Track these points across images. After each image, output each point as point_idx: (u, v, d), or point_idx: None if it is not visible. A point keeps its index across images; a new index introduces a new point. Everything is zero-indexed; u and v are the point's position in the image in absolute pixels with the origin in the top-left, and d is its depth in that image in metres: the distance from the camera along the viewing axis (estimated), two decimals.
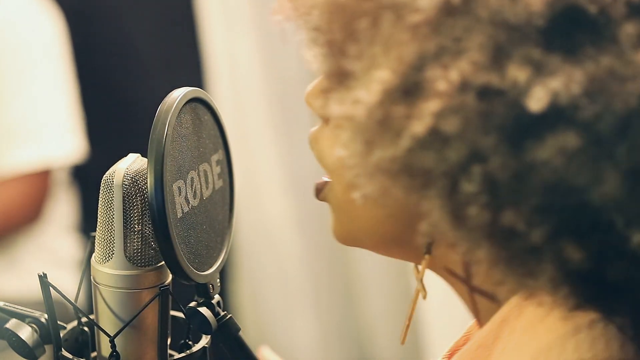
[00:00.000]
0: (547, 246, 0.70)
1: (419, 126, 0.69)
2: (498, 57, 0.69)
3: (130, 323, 0.85)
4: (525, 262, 0.72)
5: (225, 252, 0.92)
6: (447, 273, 0.81)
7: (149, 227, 0.85)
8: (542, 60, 0.69)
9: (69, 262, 2.28)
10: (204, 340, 0.90)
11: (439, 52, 0.70)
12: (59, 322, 0.88)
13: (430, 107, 0.69)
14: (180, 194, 0.84)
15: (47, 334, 0.88)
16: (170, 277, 0.87)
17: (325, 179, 0.85)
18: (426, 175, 0.71)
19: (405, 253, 0.83)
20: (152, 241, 0.85)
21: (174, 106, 0.84)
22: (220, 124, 0.92)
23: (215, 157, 0.91)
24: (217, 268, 0.89)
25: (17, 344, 0.88)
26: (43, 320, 0.89)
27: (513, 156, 0.69)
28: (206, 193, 0.88)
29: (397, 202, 0.76)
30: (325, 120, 0.82)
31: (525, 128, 0.69)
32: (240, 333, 0.90)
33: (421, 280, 0.81)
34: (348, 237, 0.84)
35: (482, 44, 0.69)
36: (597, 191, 0.68)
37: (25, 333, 0.88)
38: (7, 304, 0.90)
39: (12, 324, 0.89)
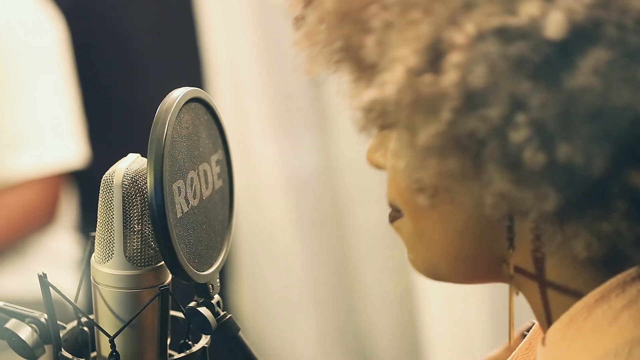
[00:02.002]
0: (612, 178, 0.70)
1: (446, 82, 0.69)
2: (508, 1, 0.69)
3: (130, 323, 0.85)
4: (595, 202, 0.71)
5: (225, 252, 0.92)
6: (520, 274, 0.80)
7: (148, 227, 0.85)
8: None
9: (69, 262, 2.28)
10: (204, 340, 0.90)
11: (452, 16, 0.70)
12: (58, 322, 0.89)
13: (452, 60, 0.69)
14: (180, 194, 0.84)
15: (47, 334, 0.89)
16: (170, 277, 0.87)
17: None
18: (474, 140, 0.70)
19: (481, 272, 0.82)
20: (151, 241, 0.85)
21: (174, 106, 0.84)
22: (220, 124, 0.92)
23: (215, 157, 0.91)
24: (216, 268, 0.90)
25: (17, 344, 0.88)
26: (43, 320, 0.89)
27: (552, 93, 0.68)
28: (206, 193, 0.88)
29: (458, 208, 0.77)
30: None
31: (554, 60, 0.68)
32: (240, 333, 0.90)
33: (512, 277, 0.80)
34: (429, 267, 0.83)
35: None
36: None
37: (25, 333, 0.88)
38: (7, 304, 0.90)
39: (12, 324, 0.89)
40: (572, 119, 0.69)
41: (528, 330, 0.91)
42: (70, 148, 2.22)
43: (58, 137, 2.21)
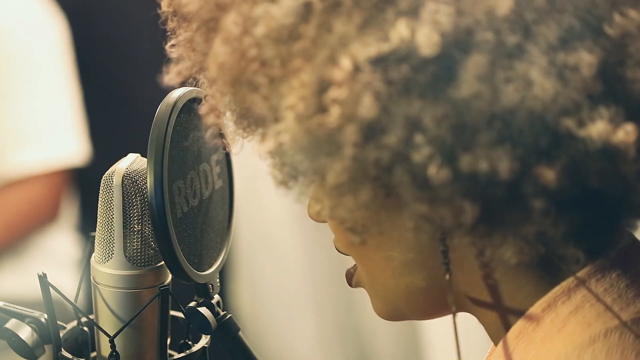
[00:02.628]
0: (522, 179, 0.70)
1: (331, 117, 0.69)
2: (375, 25, 0.69)
3: (130, 323, 0.85)
4: (512, 206, 0.71)
5: (225, 252, 0.92)
6: (472, 302, 0.81)
7: (148, 227, 0.85)
8: (410, 4, 0.69)
9: (69, 262, 2.28)
10: (204, 340, 0.90)
11: (331, 56, 0.70)
12: (58, 322, 0.89)
13: (332, 95, 0.69)
14: (179, 194, 0.84)
15: (47, 334, 0.89)
16: (169, 277, 0.87)
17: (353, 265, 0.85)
18: (381, 168, 0.70)
19: (439, 306, 0.83)
20: (151, 241, 0.85)
21: (174, 106, 0.84)
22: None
23: (214, 157, 0.91)
24: (216, 268, 0.90)
25: (17, 344, 0.88)
26: (43, 320, 0.89)
27: (441, 106, 0.68)
28: (206, 193, 0.88)
29: (395, 244, 0.78)
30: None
31: (436, 75, 0.68)
32: (240, 333, 0.90)
33: (452, 304, 0.80)
34: (390, 309, 0.84)
35: (357, 25, 0.69)
36: (531, 98, 0.68)
37: (25, 333, 0.88)
38: (6, 304, 0.90)
39: (11, 324, 0.89)
40: (468, 128, 0.69)
41: None
42: (71, 145, 2.22)
43: (60, 135, 2.21)
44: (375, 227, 0.76)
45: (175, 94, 0.85)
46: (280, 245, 2.42)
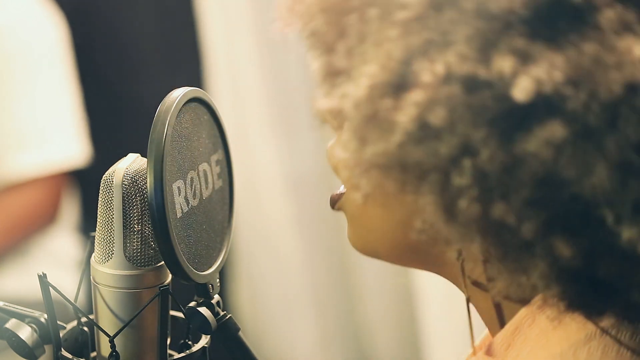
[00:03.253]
0: (538, 242, 0.70)
1: (403, 116, 0.70)
2: (484, 49, 0.69)
3: (129, 323, 0.85)
4: (517, 258, 0.72)
5: (225, 252, 0.92)
6: (471, 283, 0.81)
7: (148, 227, 0.85)
8: (527, 49, 0.69)
9: (69, 262, 2.28)
10: (204, 340, 0.90)
11: (427, 46, 0.70)
12: (58, 322, 0.88)
13: (414, 97, 0.70)
14: (179, 194, 0.84)
15: (47, 334, 0.89)
16: (169, 277, 0.87)
17: (341, 190, 0.85)
18: (418, 169, 0.71)
19: (419, 260, 0.83)
20: (151, 241, 0.85)
21: (174, 106, 0.84)
22: (220, 124, 0.92)
23: (214, 157, 0.91)
24: (216, 268, 0.90)
25: (17, 344, 0.88)
26: (43, 320, 0.89)
27: (502, 149, 0.69)
28: (206, 193, 0.88)
29: (400, 204, 0.77)
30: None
31: (513, 120, 0.69)
32: (240, 333, 0.90)
33: (465, 287, 0.81)
34: (365, 246, 0.84)
35: (468, 36, 0.69)
36: (586, 184, 0.68)
37: (25, 333, 0.88)
38: (6, 304, 0.90)
39: (11, 324, 0.89)
40: (515, 179, 0.69)
41: None
42: (72, 147, 2.22)
43: (60, 137, 2.21)
44: (383, 201, 0.77)
45: (175, 94, 0.85)
46: (280, 246, 2.42)
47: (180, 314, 0.89)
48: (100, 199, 0.85)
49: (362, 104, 0.71)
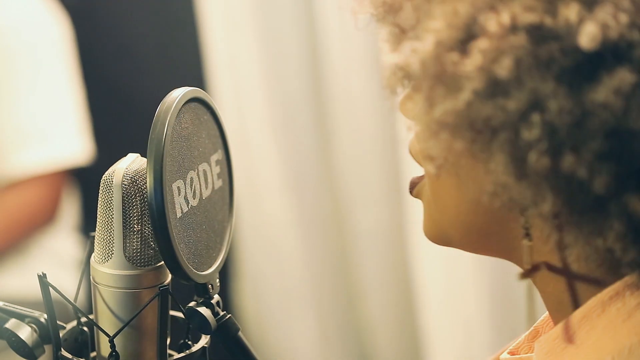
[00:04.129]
0: (611, 198, 0.70)
1: (469, 65, 0.70)
2: None
3: (129, 323, 0.85)
4: (592, 218, 0.72)
5: (225, 251, 0.92)
6: (544, 267, 0.80)
7: (148, 227, 0.85)
8: None
9: (69, 262, 2.28)
10: (204, 340, 0.90)
11: (493, 1, 0.71)
12: (58, 322, 0.89)
13: (479, 45, 0.70)
14: (179, 194, 0.84)
15: (47, 333, 0.89)
16: (169, 277, 0.87)
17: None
18: (487, 127, 0.71)
19: (492, 246, 0.82)
20: (151, 241, 0.85)
21: (174, 106, 0.84)
22: (220, 124, 0.92)
23: (214, 157, 0.91)
24: (216, 268, 0.90)
25: (17, 344, 0.88)
26: (42, 320, 0.89)
27: (571, 100, 0.69)
28: (206, 193, 0.88)
29: (471, 180, 0.77)
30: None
31: (580, 70, 0.69)
32: (240, 333, 0.90)
33: (526, 270, 0.79)
34: (439, 232, 0.84)
35: None
36: None
37: (25, 333, 0.88)
38: (6, 304, 0.90)
39: (11, 324, 0.89)
40: (585, 131, 0.69)
41: None
42: (74, 145, 2.22)
43: (62, 135, 2.21)
44: (454, 170, 0.77)
45: (175, 94, 0.85)
46: (280, 245, 2.42)
47: (180, 314, 0.89)
48: (100, 199, 0.85)
49: (429, 61, 0.72)
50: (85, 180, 2.35)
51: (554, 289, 0.80)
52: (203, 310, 0.87)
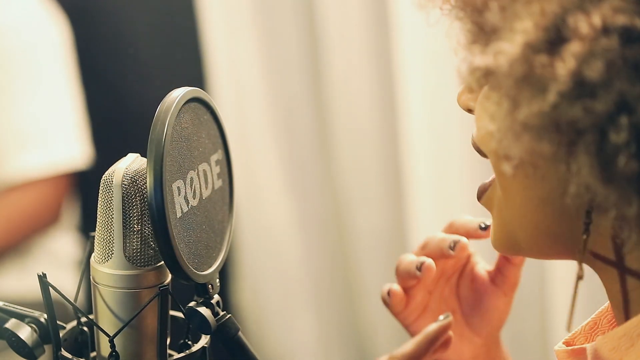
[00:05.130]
0: None
1: (562, 69, 0.69)
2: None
3: (129, 323, 0.85)
4: None
5: (225, 251, 0.92)
6: (598, 259, 0.80)
7: (148, 227, 0.85)
8: None
9: (69, 263, 2.28)
10: (204, 340, 0.90)
11: (581, 0, 0.70)
12: (58, 322, 0.89)
13: (572, 49, 0.69)
14: (179, 194, 0.84)
15: (47, 333, 0.89)
16: (169, 277, 0.87)
17: (491, 179, 0.84)
18: (573, 129, 0.70)
19: (559, 247, 0.82)
20: (151, 241, 0.85)
21: (174, 106, 0.84)
22: (220, 124, 0.92)
23: (214, 157, 0.91)
24: (216, 268, 0.90)
25: (17, 344, 0.88)
26: (42, 320, 0.89)
27: None
28: (205, 193, 0.88)
29: (545, 180, 0.76)
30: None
31: None
32: (240, 333, 0.90)
33: (581, 264, 0.79)
34: (508, 237, 0.83)
35: None
36: None
37: (25, 333, 0.88)
38: (6, 303, 0.90)
39: (11, 324, 0.89)
40: None
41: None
42: (74, 148, 2.22)
43: (62, 138, 2.21)
44: (533, 170, 0.76)
45: (175, 94, 0.85)
46: (280, 245, 2.42)
47: (180, 314, 0.89)
48: (100, 199, 0.85)
49: (517, 62, 0.71)
50: (84, 180, 2.35)
51: (619, 288, 0.80)
52: (203, 310, 0.87)
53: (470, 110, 0.84)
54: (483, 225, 1.04)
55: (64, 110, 2.23)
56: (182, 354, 0.89)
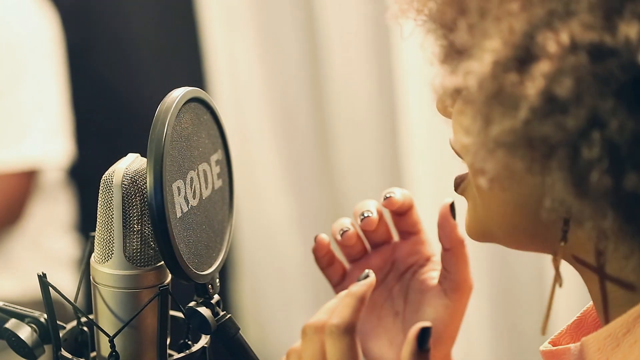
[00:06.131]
0: None
1: (531, 89, 0.69)
2: (608, 16, 0.69)
3: (129, 323, 0.85)
4: None
5: (225, 251, 0.92)
6: (578, 262, 0.80)
7: (148, 227, 0.85)
8: None
9: (69, 262, 2.28)
10: (204, 340, 0.90)
11: (549, 17, 0.70)
12: (58, 322, 0.89)
13: (541, 68, 0.69)
14: (179, 194, 0.84)
15: (47, 333, 0.89)
16: (169, 277, 0.87)
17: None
18: (545, 145, 0.70)
19: (537, 245, 0.82)
20: (151, 241, 0.85)
21: (174, 106, 0.84)
22: (220, 124, 0.92)
23: (214, 157, 0.91)
24: (216, 268, 0.90)
25: (17, 344, 0.88)
26: (42, 320, 0.89)
27: (631, 117, 0.68)
28: (205, 193, 0.88)
29: (522, 187, 0.76)
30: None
31: None
32: (240, 333, 0.90)
33: (558, 269, 0.79)
34: (483, 231, 0.84)
35: (591, 5, 0.69)
36: None
37: (25, 333, 0.88)
38: (6, 304, 0.90)
39: (11, 324, 0.89)
40: None
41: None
42: (53, 145, 2.19)
43: (40, 134, 2.18)
44: (508, 183, 0.76)
45: (175, 94, 0.85)
46: (280, 245, 2.42)
47: (180, 314, 0.89)
48: (100, 198, 0.85)
49: (487, 81, 0.71)
50: (84, 180, 2.35)
51: (594, 287, 0.80)
52: (203, 310, 0.87)
53: (445, 115, 0.84)
54: (387, 195, 1.04)
55: (48, 107, 2.20)
56: (182, 354, 0.89)
